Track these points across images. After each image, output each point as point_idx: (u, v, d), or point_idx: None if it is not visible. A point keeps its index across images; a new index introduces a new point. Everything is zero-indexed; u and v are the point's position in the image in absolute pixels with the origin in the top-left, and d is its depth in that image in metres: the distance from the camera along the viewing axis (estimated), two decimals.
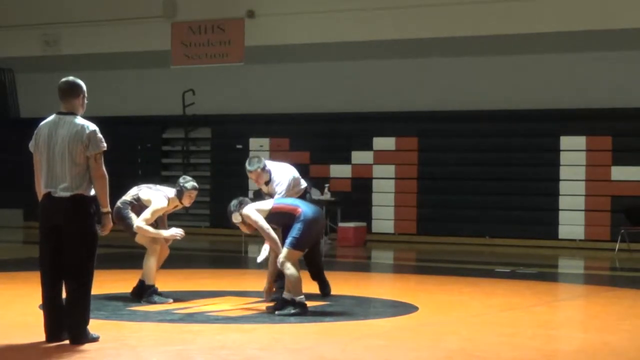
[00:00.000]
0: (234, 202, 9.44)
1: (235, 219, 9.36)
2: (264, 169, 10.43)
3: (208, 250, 19.55)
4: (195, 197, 10.32)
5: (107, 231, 7.46)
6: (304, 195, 10.63)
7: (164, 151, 24.01)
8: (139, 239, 10.06)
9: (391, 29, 21.08)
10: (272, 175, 10.51)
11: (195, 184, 10.27)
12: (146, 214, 9.92)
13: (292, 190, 10.52)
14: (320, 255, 11.17)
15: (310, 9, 21.68)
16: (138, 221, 9.87)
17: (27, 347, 7.30)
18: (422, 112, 20.89)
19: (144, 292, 9.93)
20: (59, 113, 7.43)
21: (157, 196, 10.07)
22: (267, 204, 9.47)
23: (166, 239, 10.16)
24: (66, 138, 7.29)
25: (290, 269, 9.07)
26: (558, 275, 15.47)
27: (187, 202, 10.21)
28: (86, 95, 7.52)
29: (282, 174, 10.56)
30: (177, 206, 10.32)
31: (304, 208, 9.33)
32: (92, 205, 7.34)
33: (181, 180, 10.26)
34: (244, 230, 9.49)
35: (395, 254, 19.10)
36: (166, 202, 10.09)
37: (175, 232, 10.06)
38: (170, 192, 10.19)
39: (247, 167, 10.43)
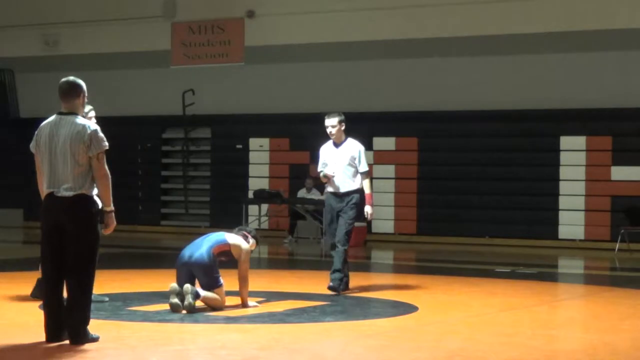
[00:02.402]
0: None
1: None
2: (342, 122, 10.99)
3: None
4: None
5: (110, 230, 7.46)
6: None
7: (164, 151, 24.00)
8: None
9: (391, 29, 21.08)
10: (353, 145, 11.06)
11: None
12: None
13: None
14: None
15: (310, 9, 21.69)
16: None
17: (27, 347, 7.30)
18: (422, 112, 20.89)
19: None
20: (60, 113, 7.42)
21: None
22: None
23: None
24: (67, 138, 7.28)
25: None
26: (558, 275, 15.47)
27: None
28: (87, 94, 7.51)
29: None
30: None
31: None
32: (94, 205, 7.33)
33: None
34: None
35: (395, 254, 19.09)
36: None
37: None
38: None
39: (327, 119, 10.92)
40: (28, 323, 8.31)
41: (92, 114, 9.72)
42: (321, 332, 8.40)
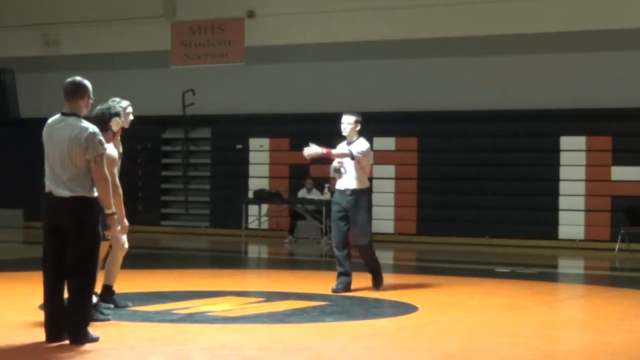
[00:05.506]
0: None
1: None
2: (358, 122, 11.91)
3: (208, 250, 19.54)
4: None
5: (112, 232, 7.45)
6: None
7: (164, 151, 24.00)
8: None
9: (391, 29, 21.08)
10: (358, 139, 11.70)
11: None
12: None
13: (367, 164, 11.64)
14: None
15: (310, 9, 21.69)
16: None
17: (27, 347, 7.30)
18: (422, 112, 20.89)
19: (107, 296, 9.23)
20: (63, 114, 7.41)
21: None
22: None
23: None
24: (66, 140, 7.27)
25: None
26: (558, 275, 15.47)
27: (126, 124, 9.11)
28: (92, 95, 7.49)
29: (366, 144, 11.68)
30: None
31: None
32: (94, 206, 7.32)
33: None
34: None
35: (395, 254, 19.08)
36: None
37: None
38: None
39: (344, 116, 11.92)
40: (28, 323, 8.31)
41: (130, 109, 9.51)
42: (321, 332, 8.39)
